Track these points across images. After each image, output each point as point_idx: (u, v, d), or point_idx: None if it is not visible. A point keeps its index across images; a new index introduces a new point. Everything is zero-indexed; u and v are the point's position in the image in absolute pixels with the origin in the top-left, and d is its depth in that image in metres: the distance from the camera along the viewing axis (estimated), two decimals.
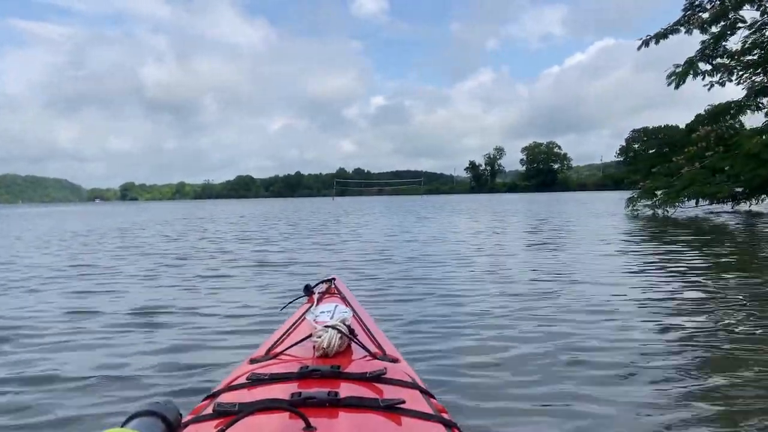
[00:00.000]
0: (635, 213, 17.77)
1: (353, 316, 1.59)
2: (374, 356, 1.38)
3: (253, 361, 1.39)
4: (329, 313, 1.58)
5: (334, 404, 1.04)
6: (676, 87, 17.44)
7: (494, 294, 4.72)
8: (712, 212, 17.66)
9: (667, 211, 17.01)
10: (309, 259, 7.69)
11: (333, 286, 2.14)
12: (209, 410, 1.07)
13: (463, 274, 5.93)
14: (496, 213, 22.13)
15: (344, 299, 1.92)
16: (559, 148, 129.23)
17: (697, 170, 16.63)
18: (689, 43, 18.35)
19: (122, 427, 0.87)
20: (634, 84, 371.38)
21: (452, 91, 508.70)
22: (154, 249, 9.89)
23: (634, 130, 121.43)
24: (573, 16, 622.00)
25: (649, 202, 17.76)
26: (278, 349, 1.42)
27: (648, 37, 18.02)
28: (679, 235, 10.15)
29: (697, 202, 17.77)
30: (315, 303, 1.84)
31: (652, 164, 19.61)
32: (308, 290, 2.10)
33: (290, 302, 2.24)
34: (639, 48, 18.24)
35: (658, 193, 17.62)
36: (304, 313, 1.70)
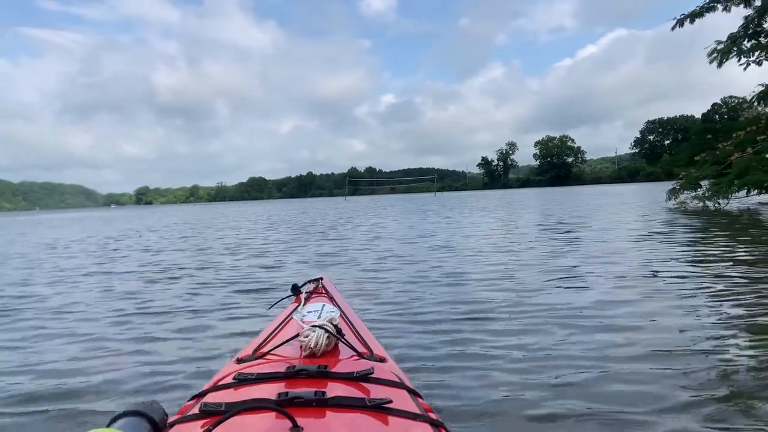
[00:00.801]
0: (682, 206, 15.87)
1: (341, 315, 1.59)
2: (361, 356, 1.38)
3: (240, 360, 1.39)
4: (316, 312, 1.57)
5: (321, 404, 1.04)
6: (719, 65, 15.86)
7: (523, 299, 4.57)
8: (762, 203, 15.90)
9: (719, 204, 15.25)
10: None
11: (320, 285, 2.13)
12: (195, 410, 1.06)
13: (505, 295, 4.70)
14: (524, 210, 19.91)
15: (332, 299, 1.92)
16: (573, 141, 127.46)
17: (750, 156, 14.72)
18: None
19: (108, 427, 0.87)
20: (646, 75, 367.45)
21: (462, 87, 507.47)
22: (151, 250, 9.81)
23: (649, 121, 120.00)
24: (584, 7, 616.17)
25: (696, 194, 16.08)
26: (265, 349, 1.43)
27: (682, 16, 16.95)
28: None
29: (748, 192, 15.68)
30: (302, 302, 1.84)
31: (694, 152, 17.72)
32: (295, 290, 2.08)
33: (277, 302, 2.25)
34: (673, 28, 16.77)
35: (705, 183, 15.92)
36: (291, 313, 1.70)
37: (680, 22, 16.77)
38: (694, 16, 16.65)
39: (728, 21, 16.59)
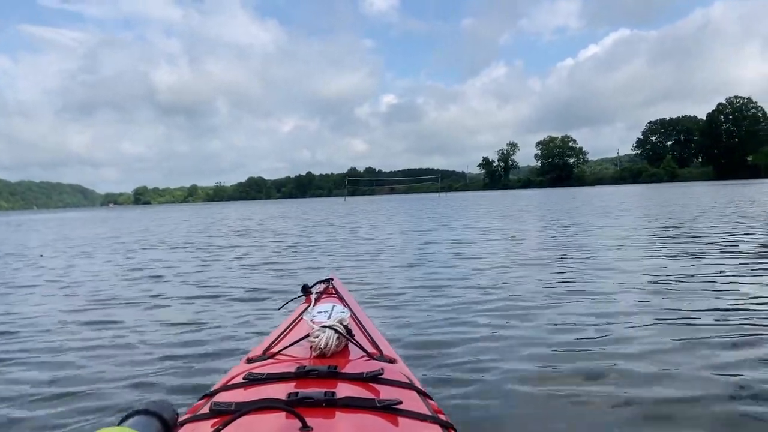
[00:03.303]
0: None
1: (351, 316, 1.57)
2: (371, 357, 1.37)
3: (250, 360, 1.39)
4: (327, 313, 1.57)
5: (330, 404, 1.03)
6: None
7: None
8: None
9: None
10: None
11: (330, 286, 2.11)
12: (206, 410, 1.06)
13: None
14: (557, 216, 15.91)
15: (342, 299, 1.90)
16: (575, 142, 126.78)
17: None
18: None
19: (118, 426, 0.87)
20: (649, 75, 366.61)
21: (465, 87, 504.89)
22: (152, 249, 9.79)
23: (651, 122, 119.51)
24: (587, 7, 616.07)
25: None
26: (275, 349, 1.42)
27: None
28: None
29: None
30: (312, 303, 1.82)
31: None
32: (306, 290, 2.07)
33: (288, 302, 2.26)
34: None
35: None
36: (301, 313, 1.69)
37: None
38: None
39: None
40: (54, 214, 77.42)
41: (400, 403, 1.05)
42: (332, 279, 2.19)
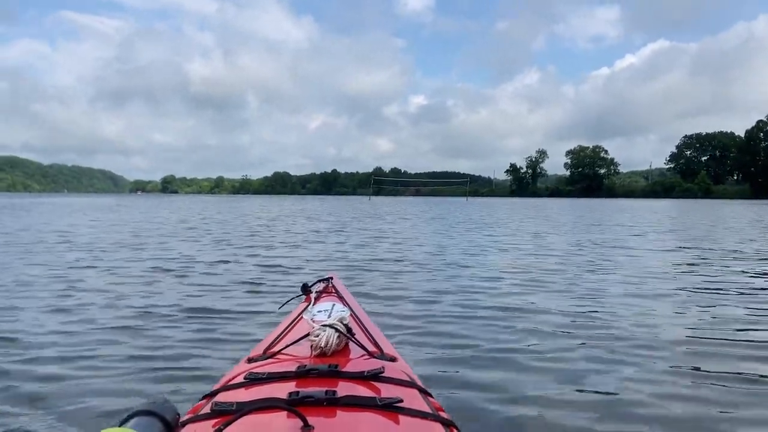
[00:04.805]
0: None
1: (351, 314, 1.57)
2: (372, 355, 1.37)
3: (250, 360, 1.39)
4: (327, 311, 1.57)
5: (331, 403, 1.03)
6: None
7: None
8: None
9: None
10: None
11: (330, 284, 2.11)
12: (207, 409, 1.06)
13: None
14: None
15: (342, 298, 1.90)
16: (606, 152, 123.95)
17: None
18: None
19: (120, 426, 0.86)
20: (686, 89, 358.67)
21: (496, 90, 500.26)
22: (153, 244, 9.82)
23: (686, 136, 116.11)
24: (626, 16, 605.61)
25: None
26: (276, 348, 1.42)
27: None
28: None
29: None
30: (312, 302, 1.82)
31: None
32: (306, 289, 2.06)
33: (288, 301, 2.26)
34: None
35: None
36: (301, 312, 1.69)
37: None
38: None
39: None
40: (83, 198, 78.32)
41: (401, 401, 1.05)
42: (332, 278, 2.18)
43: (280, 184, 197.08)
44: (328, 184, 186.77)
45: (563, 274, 6.25)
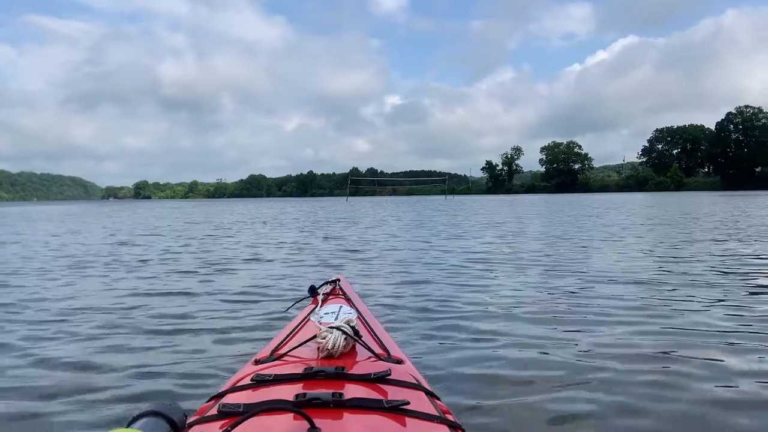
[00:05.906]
0: None
1: (358, 317, 1.56)
2: (379, 357, 1.36)
3: (257, 362, 1.38)
4: (334, 314, 1.53)
5: (338, 405, 1.03)
6: None
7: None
8: None
9: None
10: None
11: (337, 286, 2.10)
12: (214, 411, 1.06)
13: None
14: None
15: (349, 300, 1.89)
16: (580, 147, 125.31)
17: None
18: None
19: (127, 427, 0.86)
20: (656, 83, 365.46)
21: (471, 89, 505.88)
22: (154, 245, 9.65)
23: (657, 130, 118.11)
24: (597, 13, 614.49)
25: None
26: (283, 350, 1.42)
27: None
28: None
29: None
30: (319, 304, 1.81)
31: None
32: (313, 291, 2.05)
33: (295, 303, 2.30)
34: None
35: None
36: (308, 314, 1.69)
37: None
38: None
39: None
40: (55, 206, 76.32)
41: (408, 403, 1.05)
42: (339, 280, 2.17)
43: (255, 187, 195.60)
44: (305, 186, 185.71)
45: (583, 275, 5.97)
